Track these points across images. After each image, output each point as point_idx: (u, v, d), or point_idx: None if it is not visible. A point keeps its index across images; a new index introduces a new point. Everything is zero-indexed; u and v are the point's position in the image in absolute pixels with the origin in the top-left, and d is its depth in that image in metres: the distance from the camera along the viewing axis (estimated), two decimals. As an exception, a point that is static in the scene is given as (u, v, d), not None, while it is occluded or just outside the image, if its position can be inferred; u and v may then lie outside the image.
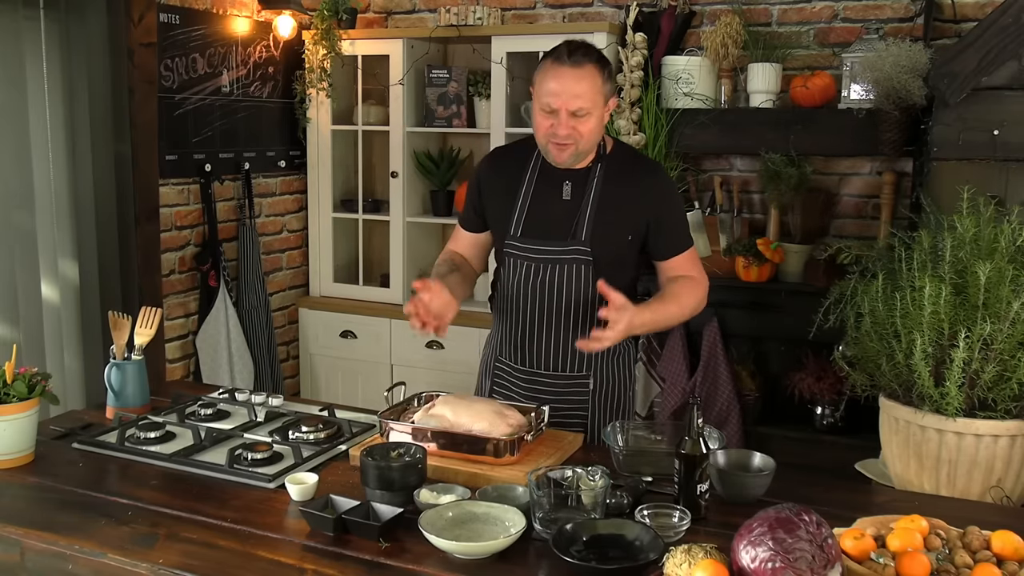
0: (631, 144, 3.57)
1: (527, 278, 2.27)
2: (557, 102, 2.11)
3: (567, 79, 2.10)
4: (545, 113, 2.14)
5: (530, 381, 2.32)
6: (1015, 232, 1.98)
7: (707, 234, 3.65)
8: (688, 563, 1.41)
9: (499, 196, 2.32)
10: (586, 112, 2.12)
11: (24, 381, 1.96)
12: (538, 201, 2.26)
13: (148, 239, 3.50)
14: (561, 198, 2.25)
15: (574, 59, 2.12)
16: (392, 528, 1.63)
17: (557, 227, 2.24)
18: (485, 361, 2.47)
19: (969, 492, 1.96)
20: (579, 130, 2.13)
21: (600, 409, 2.33)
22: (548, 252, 2.24)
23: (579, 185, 2.24)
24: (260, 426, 2.20)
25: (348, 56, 4.09)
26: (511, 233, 2.28)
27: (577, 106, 2.10)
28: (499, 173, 2.35)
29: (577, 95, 2.10)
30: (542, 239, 2.25)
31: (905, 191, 3.47)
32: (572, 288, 2.24)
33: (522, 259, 2.27)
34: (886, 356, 2.02)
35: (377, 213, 4.24)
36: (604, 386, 2.33)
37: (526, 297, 2.28)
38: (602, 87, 2.14)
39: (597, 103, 2.13)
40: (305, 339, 4.32)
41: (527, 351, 2.31)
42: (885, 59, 3.09)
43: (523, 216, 2.27)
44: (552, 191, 2.26)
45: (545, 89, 2.13)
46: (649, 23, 3.75)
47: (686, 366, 3.57)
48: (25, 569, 1.67)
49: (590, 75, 2.11)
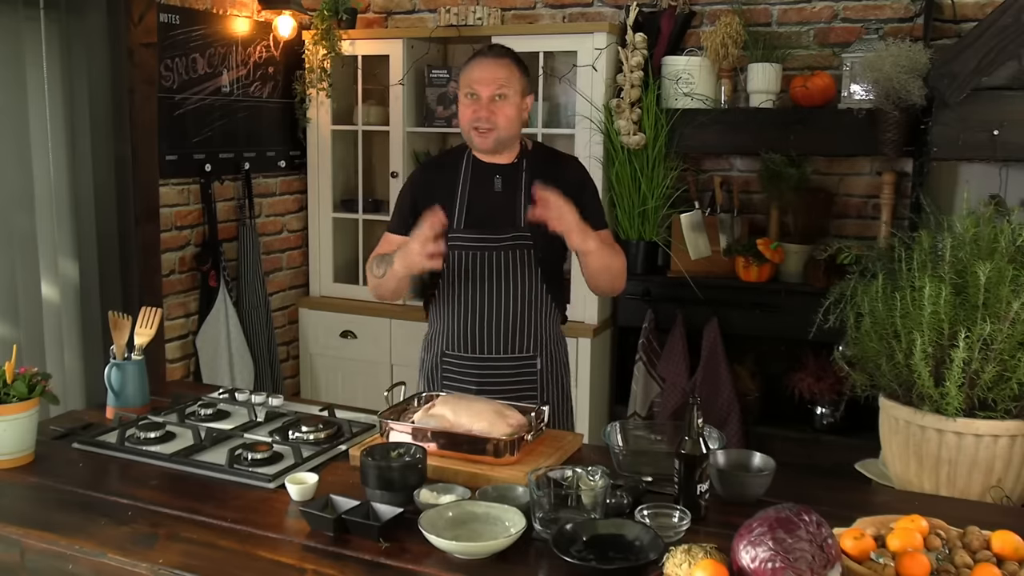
0: (631, 144, 3.58)
1: (473, 267, 2.41)
2: (479, 87, 2.35)
3: (488, 66, 2.37)
4: (468, 101, 2.37)
5: (481, 368, 2.44)
6: (1015, 232, 1.98)
7: (707, 234, 3.65)
8: (688, 563, 1.41)
9: (438, 196, 2.43)
10: (504, 96, 2.34)
11: (24, 381, 1.96)
12: (475, 196, 2.44)
13: (148, 239, 3.50)
14: (494, 190, 2.43)
15: (495, 52, 2.41)
16: (392, 528, 1.63)
17: (495, 217, 2.42)
18: (429, 359, 2.56)
19: (969, 492, 1.96)
20: (498, 114, 2.34)
21: (548, 389, 2.49)
22: (491, 240, 2.40)
23: (508, 178, 2.43)
24: (260, 426, 2.20)
25: (348, 56, 4.09)
26: (454, 227, 2.41)
27: (496, 87, 2.34)
28: (433, 178, 2.51)
29: (496, 79, 2.34)
30: (483, 228, 2.41)
31: (905, 191, 3.47)
32: (516, 272, 2.41)
33: (467, 250, 2.41)
34: (886, 356, 2.02)
35: (377, 213, 4.24)
36: (549, 366, 2.49)
37: (473, 286, 2.42)
38: (519, 78, 2.38)
39: (515, 90, 2.36)
40: (305, 339, 4.32)
41: (477, 338, 2.43)
42: (885, 59, 3.09)
43: (464, 210, 2.43)
44: (486, 185, 2.44)
45: (468, 79, 2.38)
46: (649, 23, 3.75)
47: (686, 366, 3.57)
48: (25, 569, 1.67)
49: (508, 65, 2.38)
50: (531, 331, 2.44)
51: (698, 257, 3.62)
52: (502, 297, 2.41)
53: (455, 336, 2.46)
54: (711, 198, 3.76)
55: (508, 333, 2.43)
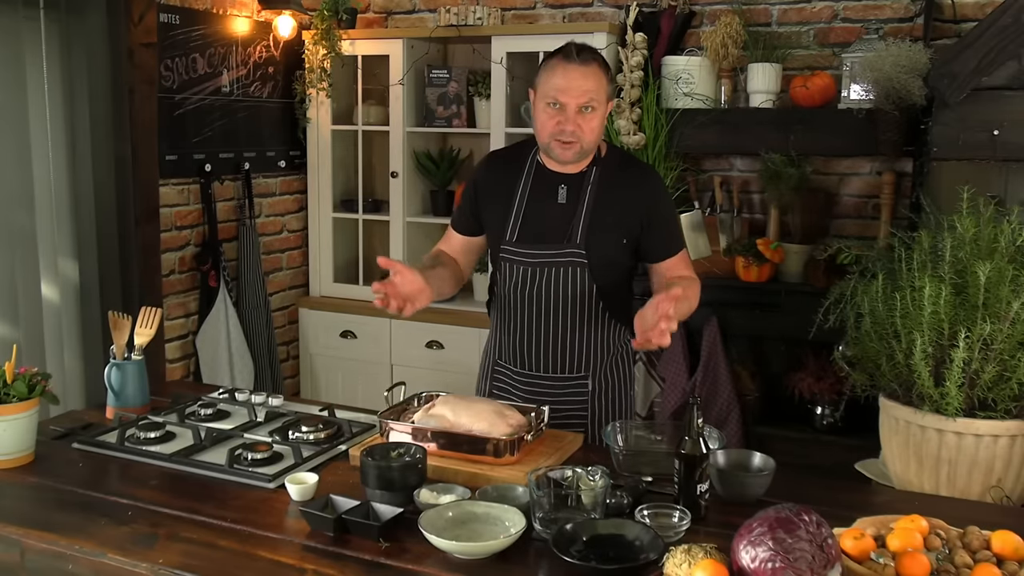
0: (631, 144, 3.58)
1: (523, 282, 2.28)
2: (565, 97, 2.14)
3: (575, 75, 2.14)
4: (552, 110, 2.17)
5: (529, 384, 2.34)
6: (1015, 232, 1.98)
7: (707, 234, 3.65)
8: (688, 563, 1.41)
9: (495, 201, 2.33)
10: (593, 108, 2.15)
11: (24, 381, 1.96)
12: (533, 206, 2.28)
13: (148, 239, 3.50)
14: (557, 202, 2.27)
15: (582, 57, 2.16)
16: (392, 528, 1.63)
17: (552, 231, 2.26)
18: (484, 364, 2.48)
19: (969, 492, 1.96)
20: (584, 127, 2.16)
21: (600, 410, 2.34)
22: (543, 256, 2.26)
23: (574, 189, 2.27)
24: (260, 426, 2.20)
25: (348, 56, 4.09)
26: (507, 238, 2.29)
27: (586, 99, 2.14)
28: (496, 177, 2.36)
29: (586, 91, 2.14)
30: (537, 244, 2.27)
31: (905, 191, 3.47)
32: (568, 291, 2.26)
33: (518, 264, 2.29)
34: (886, 356, 2.02)
35: (377, 213, 4.24)
36: (603, 387, 2.34)
37: (523, 301, 2.29)
38: (606, 87, 2.19)
39: (602, 101, 2.18)
40: (305, 339, 4.32)
41: (525, 354, 2.32)
42: (885, 59, 3.08)
43: (519, 221, 2.29)
44: (548, 195, 2.28)
45: (552, 85, 2.16)
46: (649, 23, 3.75)
47: (686, 366, 3.57)
48: (25, 569, 1.67)
49: (596, 73, 2.16)
50: (583, 352, 2.30)
51: (698, 257, 3.62)
52: (552, 315, 2.27)
53: (505, 349, 2.36)
54: (711, 198, 3.76)
55: (557, 353, 2.30)
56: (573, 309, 2.26)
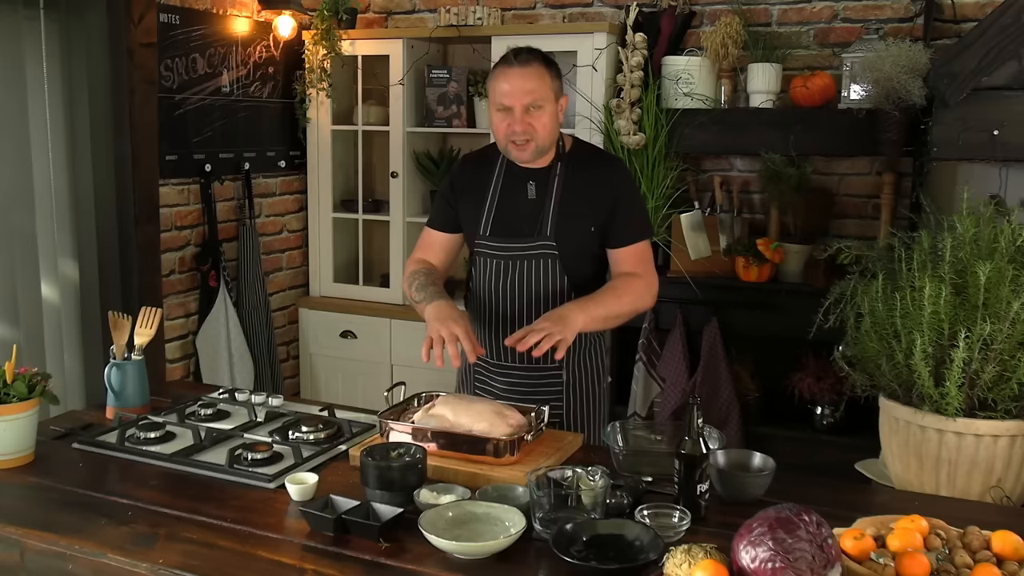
0: (631, 144, 3.58)
1: (497, 275, 2.36)
2: (510, 100, 2.23)
3: (516, 77, 2.23)
4: (501, 114, 2.26)
5: (506, 376, 2.40)
6: (1015, 232, 1.98)
7: (707, 234, 3.65)
8: (688, 563, 1.41)
9: (470, 198, 2.41)
10: (538, 106, 2.23)
11: (24, 381, 1.96)
12: (505, 201, 2.37)
13: (148, 239, 3.49)
14: (527, 197, 2.35)
15: (520, 59, 2.25)
16: (392, 528, 1.63)
17: (523, 225, 2.34)
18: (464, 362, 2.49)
19: (969, 492, 1.96)
20: (534, 125, 2.24)
21: (574, 401, 2.41)
22: (515, 249, 2.34)
23: (542, 183, 2.34)
24: (260, 426, 2.20)
25: (348, 56, 4.09)
26: (480, 233, 2.37)
27: (530, 99, 2.21)
28: (470, 176, 2.44)
29: (528, 90, 2.22)
30: (509, 237, 2.34)
31: (905, 191, 3.46)
32: (540, 283, 2.33)
33: (492, 257, 2.37)
34: (886, 356, 2.02)
35: (377, 213, 4.24)
36: (577, 378, 2.41)
37: (497, 294, 2.37)
38: (551, 83, 2.26)
39: (548, 98, 2.25)
40: (305, 339, 4.32)
41: (502, 346, 2.36)
42: (885, 59, 3.08)
43: (491, 216, 2.37)
44: (518, 191, 2.36)
45: (498, 91, 2.25)
46: (649, 23, 3.75)
47: (686, 366, 3.57)
48: (25, 569, 1.67)
49: (537, 72, 2.24)
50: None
51: (698, 257, 3.62)
52: (525, 307, 2.34)
53: (481, 341, 2.38)
54: (711, 198, 3.76)
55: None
56: (546, 301, 2.33)
